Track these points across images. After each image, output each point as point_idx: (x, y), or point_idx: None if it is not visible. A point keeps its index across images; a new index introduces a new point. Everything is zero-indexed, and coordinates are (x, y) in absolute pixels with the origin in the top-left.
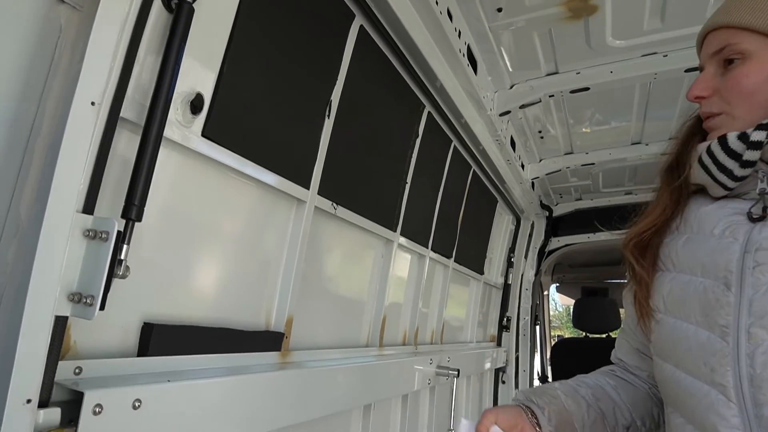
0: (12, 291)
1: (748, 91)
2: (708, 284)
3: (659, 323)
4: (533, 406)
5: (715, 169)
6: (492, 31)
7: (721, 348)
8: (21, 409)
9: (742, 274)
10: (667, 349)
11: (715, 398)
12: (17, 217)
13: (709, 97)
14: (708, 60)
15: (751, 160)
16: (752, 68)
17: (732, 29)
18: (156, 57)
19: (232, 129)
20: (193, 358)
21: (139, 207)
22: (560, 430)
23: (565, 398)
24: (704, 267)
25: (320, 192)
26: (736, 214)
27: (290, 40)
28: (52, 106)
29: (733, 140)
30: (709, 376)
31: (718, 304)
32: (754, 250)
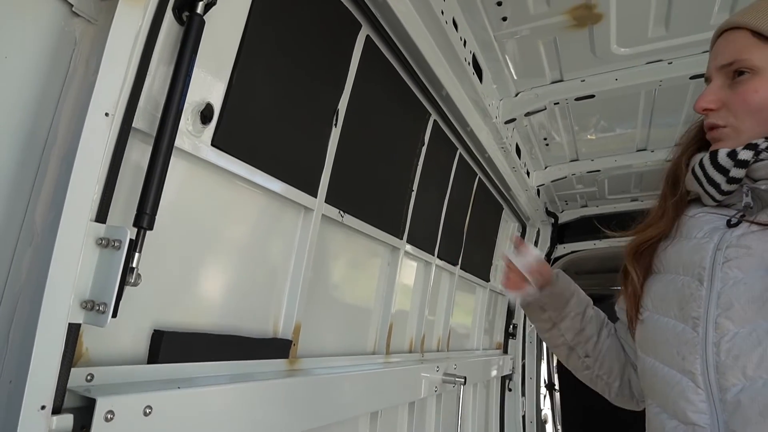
0: (27, 299)
1: (756, 107)
2: (685, 281)
3: (645, 320)
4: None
5: (705, 181)
6: (497, 39)
7: (692, 338)
8: (36, 416)
9: (713, 270)
10: (648, 342)
11: (686, 385)
12: (32, 226)
13: (717, 110)
14: (716, 72)
15: (737, 177)
16: (761, 84)
17: (747, 37)
18: (167, 68)
19: (241, 138)
20: (202, 365)
21: (150, 216)
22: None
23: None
24: (684, 265)
25: (327, 200)
26: (720, 221)
27: (298, 50)
28: (67, 117)
29: (723, 156)
30: (681, 364)
31: (692, 298)
32: (725, 247)
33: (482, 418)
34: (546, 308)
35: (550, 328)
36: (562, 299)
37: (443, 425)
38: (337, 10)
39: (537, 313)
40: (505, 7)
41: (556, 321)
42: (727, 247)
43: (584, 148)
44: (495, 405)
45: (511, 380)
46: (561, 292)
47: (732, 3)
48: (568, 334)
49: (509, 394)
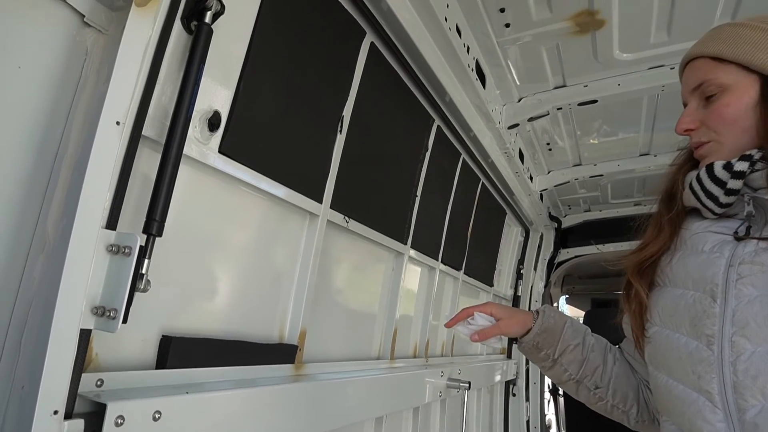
0: (39, 305)
1: (731, 119)
2: (697, 297)
3: (654, 335)
4: (540, 313)
5: (703, 195)
6: (500, 45)
7: (707, 356)
8: (48, 420)
9: (726, 287)
10: (660, 358)
11: (702, 404)
12: (44, 233)
13: (697, 129)
14: (689, 95)
15: (735, 188)
16: (731, 98)
17: (708, 62)
18: (176, 77)
19: (247, 145)
20: (209, 370)
21: (159, 222)
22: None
23: (569, 326)
24: (694, 281)
25: (333, 206)
26: (725, 233)
27: (303, 58)
28: (78, 126)
29: (719, 169)
30: (697, 383)
31: (705, 315)
32: (738, 263)
33: (486, 423)
34: (541, 346)
35: (552, 365)
36: (554, 333)
37: (448, 430)
38: (341, 18)
39: (534, 354)
40: (508, 13)
41: (556, 356)
42: (740, 263)
43: (587, 152)
44: (499, 410)
45: (515, 385)
46: (551, 327)
47: (734, 9)
48: (572, 367)
49: (513, 399)
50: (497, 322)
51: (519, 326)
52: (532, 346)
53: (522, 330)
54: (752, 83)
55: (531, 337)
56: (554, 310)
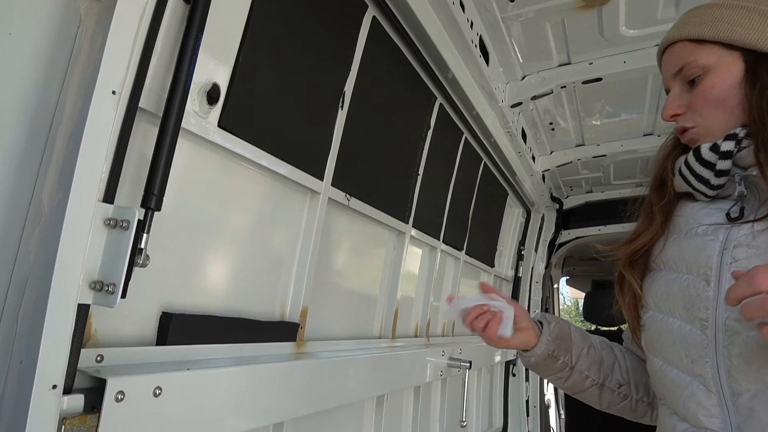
0: (36, 279)
1: (717, 100)
2: (690, 280)
3: (648, 320)
4: (543, 320)
5: (694, 179)
6: (504, 21)
7: (701, 340)
8: (47, 395)
9: (720, 270)
10: (655, 343)
11: (696, 388)
12: (40, 206)
13: (684, 113)
14: (671, 80)
15: (724, 169)
16: (716, 79)
17: (687, 45)
18: (173, 48)
19: (247, 119)
20: (210, 347)
21: (158, 196)
22: (556, 343)
23: (574, 330)
24: (688, 264)
25: (334, 183)
26: (718, 214)
27: (304, 31)
28: (73, 95)
29: (706, 152)
30: (690, 367)
31: (699, 299)
32: (732, 247)
33: (486, 402)
34: (557, 355)
35: (569, 374)
36: (566, 339)
37: (448, 409)
38: None
39: (550, 366)
40: None
41: (573, 363)
42: (735, 246)
43: (590, 133)
44: (499, 390)
45: (515, 365)
46: (561, 332)
47: None
48: (593, 371)
49: (513, 379)
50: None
51: (527, 333)
52: (548, 356)
53: (531, 338)
54: (735, 60)
55: (544, 347)
56: (553, 316)
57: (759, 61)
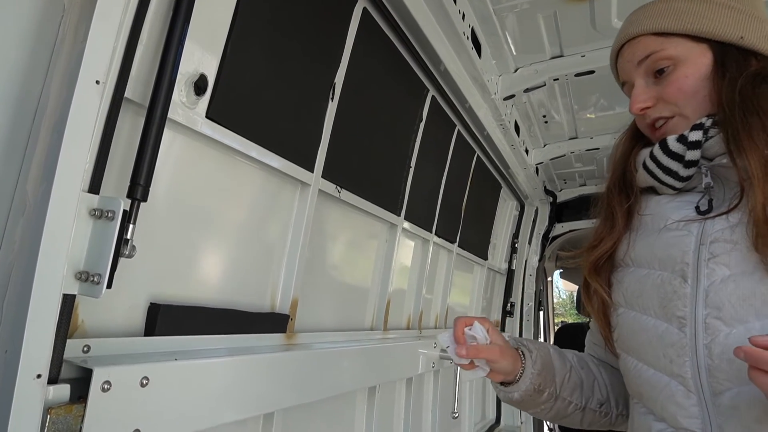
0: (20, 269)
1: (692, 91)
2: (665, 276)
3: (620, 317)
4: (523, 348)
5: (660, 172)
6: (496, 13)
7: (679, 339)
8: (31, 384)
9: (697, 266)
10: (629, 341)
11: (675, 388)
12: (24, 195)
13: (654, 105)
14: (635, 71)
15: (694, 159)
16: (688, 69)
17: (651, 38)
18: (159, 37)
19: (236, 111)
20: (199, 338)
21: (144, 187)
22: (542, 376)
23: (553, 352)
24: (660, 260)
25: (324, 175)
26: (686, 207)
27: (294, 22)
28: (57, 85)
29: (673, 143)
30: (669, 367)
31: (676, 296)
32: (709, 242)
33: (480, 395)
34: (543, 387)
35: (554, 404)
36: (549, 366)
37: (441, 401)
38: None
39: (536, 399)
40: None
41: (558, 393)
42: (711, 242)
43: (583, 126)
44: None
45: None
46: (544, 361)
47: None
48: (575, 395)
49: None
50: (493, 344)
51: (511, 362)
52: (533, 391)
53: (511, 369)
54: (703, 52)
55: (528, 382)
56: (531, 341)
57: (726, 53)
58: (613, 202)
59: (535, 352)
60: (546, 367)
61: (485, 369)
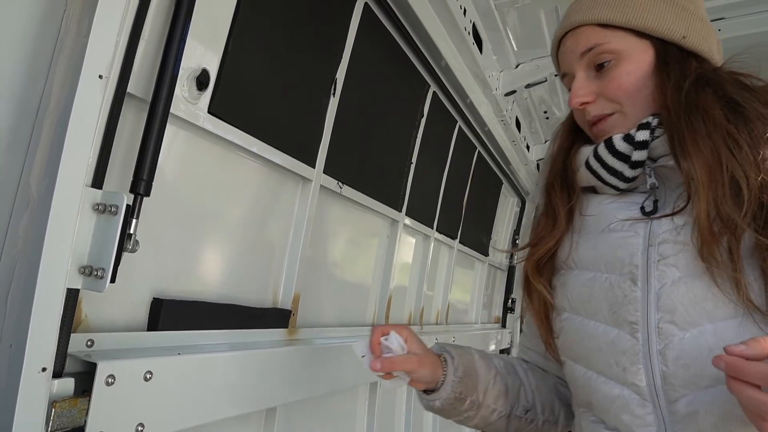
0: (24, 263)
1: (634, 88)
2: (613, 279)
3: (565, 322)
4: (446, 354)
5: (605, 172)
6: (498, 9)
7: (632, 346)
8: (36, 378)
9: (647, 268)
10: (576, 349)
11: (629, 397)
12: (28, 190)
13: (594, 101)
14: (576, 62)
15: (641, 160)
16: (631, 66)
17: (595, 28)
18: (162, 32)
19: (238, 106)
20: (202, 333)
21: (147, 182)
22: (464, 384)
23: (478, 358)
24: (607, 262)
25: (326, 171)
26: (631, 208)
27: (295, 17)
28: (60, 80)
29: (619, 142)
30: (621, 375)
31: (626, 300)
32: (658, 243)
33: None
34: (464, 395)
35: (477, 412)
36: (472, 373)
37: None
38: None
39: (458, 408)
40: None
41: (482, 400)
42: (660, 243)
43: None
44: None
45: (509, 354)
46: (467, 368)
47: None
48: (499, 402)
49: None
50: (410, 354)
51: (431, 371)
52: (455, 399)
53: (433, 377)
54: (645, 48)
55: (449, 390)
56: (455, 346)
57: (668, 52)
58: (554, 199)
59: (458, 358)
60: (468, 374)
61: (405, 378)
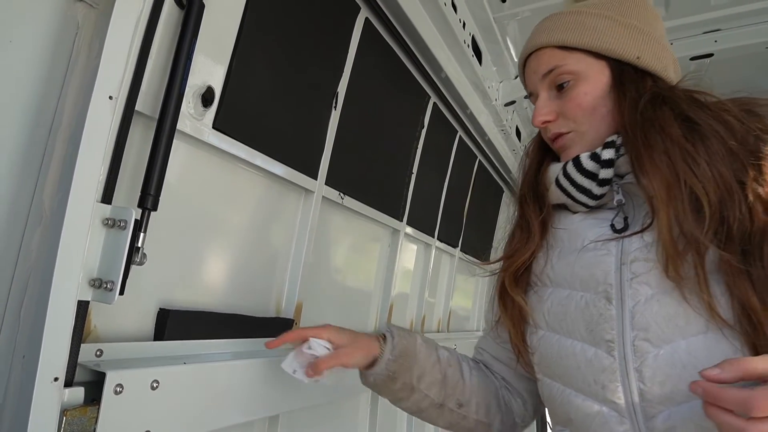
0: (37, 277)
1: (590, 108)
2: (589, 298)
3: (542, 340)
4: (387, 332)
5: (574, 190)
6: (497, 21)
7: (609, 364)
8: (49, 387)
9: (621, 286)
10: (553, 367)
11: (608, 415)
12: (41, 206)
13: (555, 120)
14: (540, 83)
15: (607, 177)
16: (588, 86)
17: (555, 51)
18: (168, 52)
19: (241, 121)
20: (206, 342)
21: (154, 197)
22: (398, 363)
23: (421, 343)
24: (582, 280)
25: (327, 182)
26: (602, 225)
27: (297, 33)
28: (72, 101)
29: (587, 161)
30: (600, 393)
31: (602, 319)
32: (630, 261)
33: None
34: (397, 376)
35: (409, 394)
36: (409, 356)
37: None
38: None
39: (388, 386)
40: None
41: (415, 383)
42: (631, 261)
43: None
44: None
45: None
46: (405, 349)
47: None
48: (433, 390)
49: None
50: (336, 350)
51: (363, 354)
52: (387, 378)
53: (367, 359)
54: (602, 69)
55: (383, 367)
56: (401, 328)
57: (623, 72)
58: (527, 212)
59: (398, 338)
60: (405, 355)
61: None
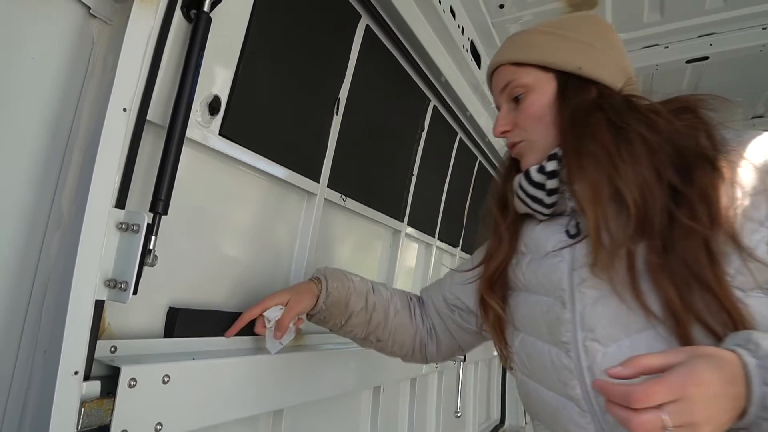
0: (57, 278)
1: (537, 117)
2: (549, 303)
3: (520, 342)
4: (321, 278)
5: (530, 200)
6: (495, 26)
7: (567, 363)
8: (70, 380)
9: (572, 291)
10: (530, 367)
11: (572, 409)
12: (60, 212)
13: (512, 130)
14: (500, 97)
15: (554, 187)
16: (534, 97)
17: (510, 67)
18: (178, 64)
19: (247, 128)
20: (214, 339)
21: (165, 202)
22: (329, 312)
23: (352, 291)
24: (544, 287)
25: (330, 185)
26: (559, 232)
27: (300, 42)
28: (88, 113)
29: (535, 173)
30: (564, 389)
31: (558, 322)
32: (579, 267)
33: (484, 395)
34: (328, 319)
35: (338, 330)
36: (339, 305)
37: (444, 401)
38: (337, 2)
39: (322, 324)
40: None
41: (342, 324)
42: (580, 266)
43: None
44: (496, 384)
45: None
46: (336, 300)
47: None
48: (358, 329)
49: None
50: (287, 306)
51: (309, 297)
52: (320, 320)
53: (313, 300)
54: (549, 80)
55: (317, 312)
56: (336, 276)
57: (567, 82)
58: (497, 219)
59: (331, 290)
60: (336, 305)
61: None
